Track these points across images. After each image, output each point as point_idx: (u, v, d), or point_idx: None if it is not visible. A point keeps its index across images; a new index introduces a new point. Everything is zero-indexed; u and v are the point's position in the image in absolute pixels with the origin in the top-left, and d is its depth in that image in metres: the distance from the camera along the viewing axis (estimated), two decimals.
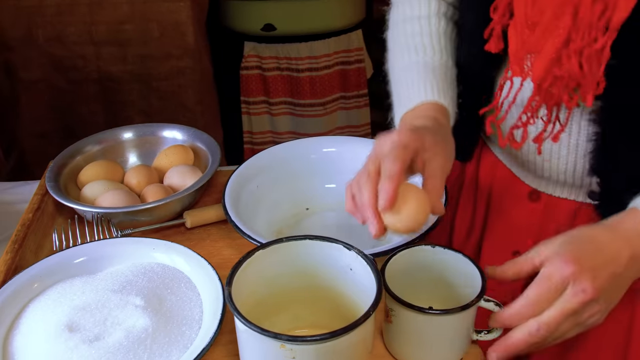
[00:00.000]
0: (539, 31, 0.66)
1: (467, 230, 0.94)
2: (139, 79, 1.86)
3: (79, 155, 1.01)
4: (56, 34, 1.79)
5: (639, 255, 0.64)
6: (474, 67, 0.81)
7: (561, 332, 0.63)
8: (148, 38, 1.81)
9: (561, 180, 0.79)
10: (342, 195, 0.94)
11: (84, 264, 0.80)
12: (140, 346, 0.68)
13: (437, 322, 0.65)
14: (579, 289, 0.61)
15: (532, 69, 0.68)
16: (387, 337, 0.71)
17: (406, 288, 0.68)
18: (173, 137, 1.06)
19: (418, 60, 0.81)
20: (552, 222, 0.83)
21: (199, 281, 0.78)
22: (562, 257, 0.62)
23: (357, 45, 2.24)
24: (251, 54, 2.18)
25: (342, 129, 2.33)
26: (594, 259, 0.62)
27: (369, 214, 0.66)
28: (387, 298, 0.67)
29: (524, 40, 0.67)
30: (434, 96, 0.77)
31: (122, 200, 0.91)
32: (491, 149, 0.90)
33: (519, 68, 0.69)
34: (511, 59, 0.70)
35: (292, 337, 0.57)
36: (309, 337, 0.57)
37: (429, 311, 0.64)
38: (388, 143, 0.68)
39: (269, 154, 0.97)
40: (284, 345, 0.57)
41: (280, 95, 2.24)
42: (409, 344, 0.68)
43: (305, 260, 0.69)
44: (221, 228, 0.93)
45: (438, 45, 0.82)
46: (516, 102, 0.75)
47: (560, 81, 0.67)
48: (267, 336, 0.57)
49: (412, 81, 0.79)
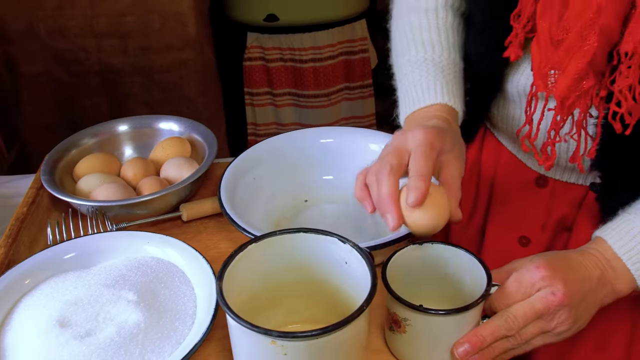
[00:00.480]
0: (563, 50, 0.64)
1: (469, 214, 0.93)
2: (140, 71, 1.85)
3: (75, 149, 1.00)
4: (57, 27, 1.78)
5: (607, 280, 0.65)
6: (482, 64, 0.80)
7: (529, 333, 0.63)
8: (149, 30, 1.80)
9: (570, 166, 0.78)
10: (341, 187, 0.94)
11: (78, 258, 0.79)
12: (132, 342, 0.67)
13: (456, 320, 0.63)
14: (549, 292, 0.62)
15: (555, 85, 0.67)
16: (399, 348, 0.68)
17: (407, 289, 0.66)
18: (170, 129, 1.05)
19: (426, 58, 0.79)
20: (559, 206, 0.82)
21: (193, 275, 0.77)
22: (534, 263, 0.63)
23: (361, 35, 2.21)
24: (254, 44, 2.16)
25: (347, 119, 2.31)
26: (566, 272, 0.63)
27: (390, 208, 0.64)
28: (395, 307, 0.65)
29: (548, 57, 0.66)
30: (444, 98, 0.75)
31: (117, 194, 0.90)
32: (494, 135, 0.88)
33: (543, 84, 0.68)
34: (534, 74, 0.69)
35: (283, 333, 0.56)
36: (300, 333, 0.55)
37: (448, 312, 0.62)
38: (416, 139, 0.66)
39: (266, 146, 0.95)
40: (275, 341, 0.56)
41: (284, 87, 2.22)
42: (426, 350, 0.66)
43: (299, 253, 0.67)
44: (218, 221, 0.92)
45: (446, 42, 0.80)
46: (545, 118, 0.73)
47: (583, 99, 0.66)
48: (258, 332, 0.56)
49: (422, 80, 0.77)
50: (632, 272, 0.65)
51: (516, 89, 0.77)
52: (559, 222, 0.83)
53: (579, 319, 0.63)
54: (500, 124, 0.84)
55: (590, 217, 0.79)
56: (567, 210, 0.81)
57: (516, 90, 0.77)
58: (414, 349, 0.67)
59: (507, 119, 0.82)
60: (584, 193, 0.80)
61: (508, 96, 0.80)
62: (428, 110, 0.75)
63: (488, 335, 0.63)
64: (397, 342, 0.68)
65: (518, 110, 0.80)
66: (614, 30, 0.61)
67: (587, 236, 0.70)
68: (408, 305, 0.63)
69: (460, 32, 0.83)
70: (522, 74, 0.76)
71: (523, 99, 0.77)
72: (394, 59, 0.85)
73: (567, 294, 0.61)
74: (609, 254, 0.66)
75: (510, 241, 0.87)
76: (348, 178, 0.91)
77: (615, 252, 0.65)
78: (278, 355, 0.57)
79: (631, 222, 0.66)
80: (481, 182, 0.91)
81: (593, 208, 0.77)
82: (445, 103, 0.75)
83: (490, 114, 0.86)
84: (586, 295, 0.63)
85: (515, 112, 0.80)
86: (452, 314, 0.62)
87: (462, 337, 0.64)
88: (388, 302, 0.66)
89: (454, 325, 0.64)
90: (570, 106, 0.67)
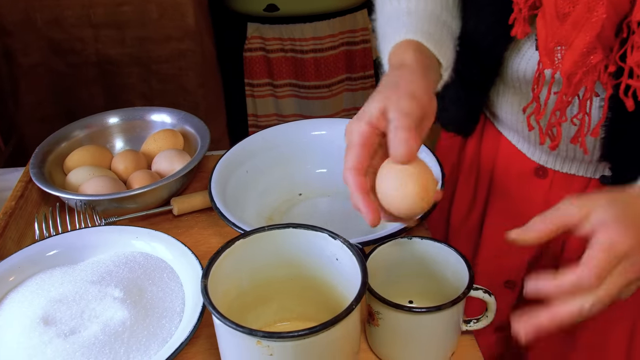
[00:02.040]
0: (570, 23, 0.61)
1: (468, 207, 0.91)
2: (138, 62, 1.83)
3: (65, 141, 0.99)
4: (54, 17, 1.76)
5: None
6: (483, 43, 0.77)
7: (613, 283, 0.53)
8: (147, 20, 1.77)
9: (570, 156, 0.76)
10: (335, 180, 0.92)
11: (65, 253, 0.78)
12: (117, 340, 0.66)
13: (429, 320, 0.61)
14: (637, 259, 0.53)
15: (562, 61, 0.64)
16: (374, 341, 0.67)
17: (388, 284, 0.64)
18: (162, 121, 1.03)
19: (399, 8, 0.74)
20: (558, 198, 0.79)
21: (182, 271, 0.75)
22: (623, 225, 0.53)
23: (363, 25, 2.18)
24: (254, 35, 2.13)
25: (348, 111, 2.28)
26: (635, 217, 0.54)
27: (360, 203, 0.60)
28: (370, 300, 0.63)
29: (554, 32, 0.63)
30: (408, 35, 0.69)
31: (106, 187, 0.88)
32: (494, 124, 0.86)
33: (549, 60, 0.65)
34: (541, 51, 0.65)
35: (268, 333, 0.54)
36: (286, 334, 0.53)
37: (419, 310, 0.60)
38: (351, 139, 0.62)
39: (259, 138, 0.93)
40: (260, 341, 0.54)
41: (284, 77, 2.19)
42: (399, 346, 0.64)
43: (289, 249, 0.65)
44: (210, 215, 0.90)
45: None
46: (551, 97, 0.70)
47: (590, 75, 0.63)
48: (243, 332, 0.54)
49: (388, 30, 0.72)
50: None
51: (516, 73, 0.75)
52: None
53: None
54: (500, 111, 0.82)
55: None
56: None
57: (516, 76, 0.75)
58: (385, 343, 0.65)
59: (507, 105, 0.80)
60: (584, 185, 0.78)
61: (508, 82, 0.78)
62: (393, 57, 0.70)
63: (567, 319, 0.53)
64: (372, 335, 0.67)
65: (518, 97, 0.77)
66: (623, 1, 0.58)
67: None
68: (378, 299, 0.61)
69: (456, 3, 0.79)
70: (522, 57, 0.73)
71: (523, 85, 0.75)
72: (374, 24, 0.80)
73: None
74: None
75: None
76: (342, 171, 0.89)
77: None
78: (264, 355, 0.55)
79: None
80: (480, 174, 0.89)
81: None
82: (409, 39, 0.69)
83: (489, 101, 0.84)
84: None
85: (515, 98, 0.78)
86: (423, 312, 0.60)
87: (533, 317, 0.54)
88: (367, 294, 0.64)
89: (425, 324, 0.62)
90: (578, 83, 0.64)
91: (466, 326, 0.66)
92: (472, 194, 0.91)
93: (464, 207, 0.92)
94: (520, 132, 0.80)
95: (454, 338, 0.65)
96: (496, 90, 0.81)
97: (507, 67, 0.76)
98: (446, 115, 0.87)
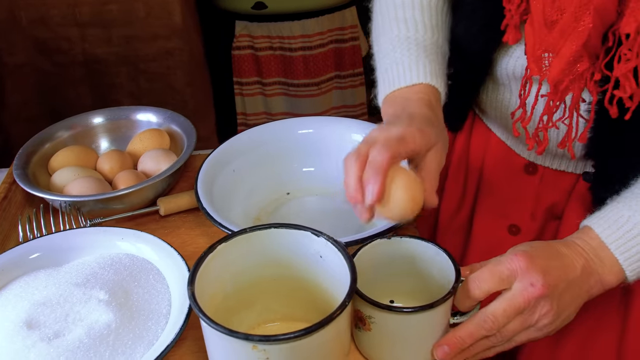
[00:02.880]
0: (558, 31, 0.62)
1: (457, 204, 0.91)
2: (125, 61, 1.81)
3: (50, 142, 0.97)
4: (39, 16, 1.74)
5: (592, 269, 0.62)
6: (473, 46, 0.77)
7: (511, 331, 0.60)
8: (134, 18, 1.76)
9: (560, 154, 0.76)
10: (322, 179, 0.91)
11: (49, 256, 0.76)
12: (102, 343, 0.65)
13: (422, 318, 0.61)
14: (527, 283, 0.58)
15: (549, 69, 0.64)
16: (365, 345, 0.66)
17: (374, 285, 0.64)
18: (148, 121, 1.02)
19: (409, 37, 0.76)
20: (548, 195, 0.81)
21: (168, 272, 0.74)
22: (513, 252, 0.60)
23: (352, 22, 2.17)
24: (243, 33, 2.12)
25: (338, 109, 2.28)
26: (547, 260, 0.60)
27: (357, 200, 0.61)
28: (360, 304, 0.62)
29: (542, 39, 0.63)
30: (427, 78, 0.72)
31: (91, 188, 0.87)
32: (483, 121, 0.86)
33: (537, 67, 0.65)
34: (529, 58, 0.66)
35: (265, 337, 0.53)
36: (283, 336, 0.52)
37: (413, 310, 0.60)
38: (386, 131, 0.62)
39: (246, 137, 0.92)
40: (256, 346, 0.53)
41: (273, 76, 2.18)
42: (393, 347, 0.64)
43: (272, 250, 0.65)
44: (197, 215, 0.89)
45: (430, 22, 0.77)
46: (538, 103, 0.71)
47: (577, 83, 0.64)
48: (238, 338, 0.53)
49: (403, 59, 0.74)
50: (621, 261, 0.62)
51: (506, 72, 0.75)
52: (548, 211, 0.81)
53: (563, 311, 0.60)
54: (489, 109, 0.82)
55: (580, 206, 0.77)
56: (556, 198, 0.80)
57: (506, 74, 0.75)
58: (379, 347, 0.64)
59: (497, 103, 0.80)
60: (574, 181, 0.78)
61: (498, 80, 0.78)
62: (409, 90, 0.72)
63: (467, 337, 0.60)
64: (362, 340, 0.66)
65: (507, 94, 0.77)
66: (609, 10, 0.59)
67: (577, 225, 0.68)
68: (371, 303, 0.60)
69: (445, 14, 0.80)
70: (511, 56, 0.73)
71: (513, 82, 0.75)
72: (375, 38, 0.81)
73: (547, 284, 0.58)
74: (595, 243, 0.62)
75: (500, 230, 0.85)
76: (330, 170, 0.88)
77: (602, 241, 0.62)
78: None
79: (619, 211, 0.63)
80: (469, 171, 0.89)
81: (583, 196, 0.75)
82: (428, 83, 0.72)
83: (479, 99, 0.83)
84: (570, 285, 0.60)
85: (505, 96, 0.78)
86: (417, 311, 0.60)
87: (441, 339, 0.61)
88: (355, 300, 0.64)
89: (420, 323, 0.61)
90: (564, 90, 0.65)
91: (453, 319, 0.66)
92: (461, 190, 0.91)
93: (453, 204, 0.92)
94: (510, 129, 0.80)
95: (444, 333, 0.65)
96: (486, 88, 0.81)
97: (496, 66, 0.76)
98: None
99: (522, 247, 0.62)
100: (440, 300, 0.60)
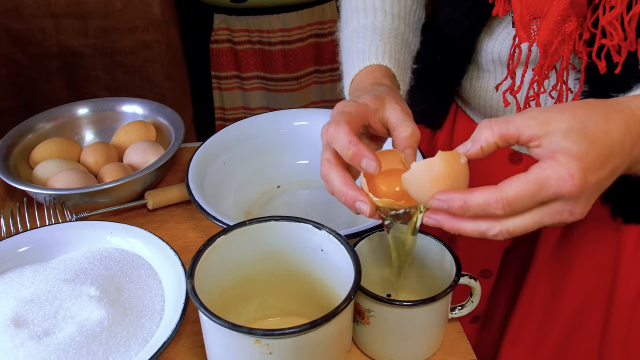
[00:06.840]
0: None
1: None
2: (102, 53, 1.77)
3: (31, 133, 0.94)
4: (13, 6, 1.68)
5: None
6: (457, 31, 0.77)
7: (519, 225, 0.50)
8: (110, 10, 1.72)
9: None
10: (314, 172, 0.89)
11: (34, 251, 0.74)
12: (95, 341, 0.62)
13: (423, 312, 0.60)
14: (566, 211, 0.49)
15: (537, 33, 0.64)
16: (364, 339, 0.65)
17: (374, 277, 0.63)
18: (133, 112, 0.99)
19: (366, 25, 0.75)
20: None
21: (160, 267, 0.72)
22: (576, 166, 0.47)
23: (331, 17, 2.16)
24: (221, 26, 2.09)
25: (317, 103, 2.26)
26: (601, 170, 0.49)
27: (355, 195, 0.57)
28: (359, 298, 0.61)
29: (529, 4, 0.63)
30: (378, 59, 0.70)
31: (76, 181, 0.84)
32: (467, 113, 0.85)
33: (525, 34, 0.65)
34: (517, 25, 0.66)
35: (269, 331, 0.51)
36: (288, 330, 0.51)
37: (414, 303, 0.59)
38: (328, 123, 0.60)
39: (236, 129, 0.90)
40: (259, 340, 0.52)
41: (252, 70, 2.16)
42: (393, 342, 0.63)
43: (272, 243, 0.63)
44: (186, 209, 0.87)
45: (391, 10, 0.77)
46: (528, 70, 0.71)
47: (566, 44, 0.63)
48: (241, 332, 0.51)
49: (358, 46, 0.73)
50: None
51: (491, 56, 0.75)
52: None
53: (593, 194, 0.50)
54: (473, 98, 0.82)
55: None
56: None
57: (491, 58, 0.75)
58: (377, 341, 0.64)
59: (481, 91, 0.80)
60: None
61: (482, 66, 0.78)
62: (362, 75, 0.70)
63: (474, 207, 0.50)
64: (360, 334, 0.65)
65: (492, 81, 0.78)
66: None
67: None
68: (371, 296, 0.59)
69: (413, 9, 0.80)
70: (496, 39, 0.73)
71: (497, 68, 0.75)
72: (339, 32, 0.81)
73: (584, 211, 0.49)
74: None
75: None
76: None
77: None
78: (263, 355, 0.53)
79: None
80: None
81: None
82: (379, 63, 0.70)
83: (462, 89, 0.83)
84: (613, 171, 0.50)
85: (489, 83, 0.78)
86: (418, 305, 0.59)
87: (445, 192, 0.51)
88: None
89: (419, 317, 0.60)
90: (554, 53, 0.64)
91: (452, 314, 0.66)
92: None
93: None
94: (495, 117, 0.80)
95: (444, 327, 0.64)
96: (469, 77, 0.80)
97: (481, 52, 0.76)
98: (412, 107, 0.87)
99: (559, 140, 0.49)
100: (441, 293, 0.59)
